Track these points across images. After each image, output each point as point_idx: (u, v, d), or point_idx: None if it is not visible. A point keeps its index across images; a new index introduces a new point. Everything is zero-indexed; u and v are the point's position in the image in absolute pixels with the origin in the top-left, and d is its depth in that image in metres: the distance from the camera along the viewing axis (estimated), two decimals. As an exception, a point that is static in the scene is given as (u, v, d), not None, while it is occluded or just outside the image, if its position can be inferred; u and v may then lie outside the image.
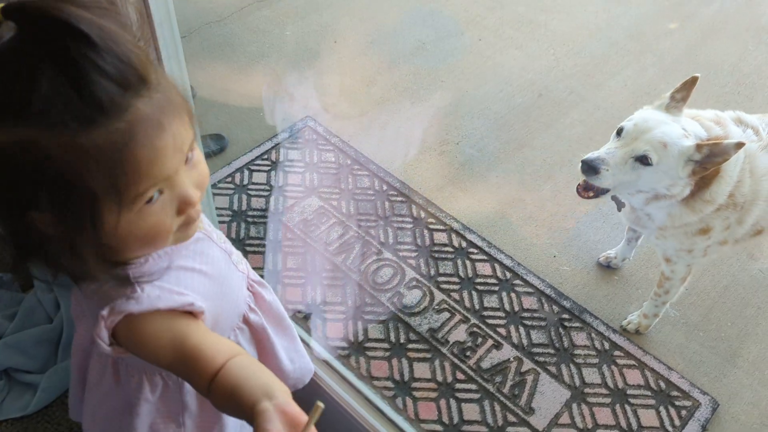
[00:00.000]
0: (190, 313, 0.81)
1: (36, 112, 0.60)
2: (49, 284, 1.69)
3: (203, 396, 0.76)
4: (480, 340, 1.94)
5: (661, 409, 1.83)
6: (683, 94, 1.59)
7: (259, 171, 2.35)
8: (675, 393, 1.86)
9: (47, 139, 0.61)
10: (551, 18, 3.15)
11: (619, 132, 1.60)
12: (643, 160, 1.53)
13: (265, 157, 2.40)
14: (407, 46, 2.93)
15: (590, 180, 1.61)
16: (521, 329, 1.97)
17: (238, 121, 2.52)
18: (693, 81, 1.59)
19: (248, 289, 1.03)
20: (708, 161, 1.49)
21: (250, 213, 2.21)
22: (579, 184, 1.70)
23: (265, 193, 2.27)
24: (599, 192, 1.66)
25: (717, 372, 1.92)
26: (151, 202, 0.70)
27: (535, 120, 2.63)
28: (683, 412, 1.82)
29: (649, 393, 1.86)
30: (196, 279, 0.85)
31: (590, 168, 1.58)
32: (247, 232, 2.15)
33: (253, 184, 2.31)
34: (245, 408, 0.68)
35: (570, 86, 2.79)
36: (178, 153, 0.70)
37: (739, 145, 1.44)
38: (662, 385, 1.88)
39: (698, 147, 1.49)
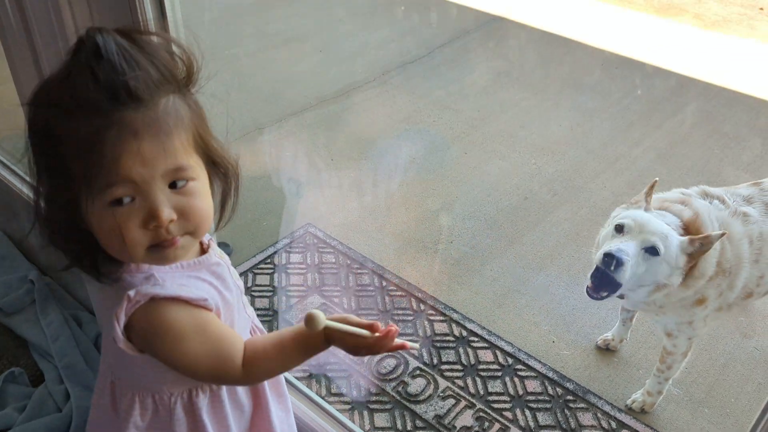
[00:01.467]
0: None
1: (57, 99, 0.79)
2: (59, 376, 1.72)
3: (234, 381, 0.83)
4: (487, 424, 1.94)
5: (676, 485, 1.80)
6: (650, 195, 1.75)
7: (262, 274, 2.44)
8: (688, 469, 1.84)
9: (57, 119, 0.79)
10: (530, 133, 3.41)
11: (618, 229, 1.70)
12: (652, 250, 1.62)
13: (268, 261, 2.50)
14: (399, 161, 3.16)
15: (614, 274, 1.61)
16: (527, 412, 1.98)
17: (242, 231, 2.65)
18: (654, 183, 1.77)
19: (251, 333, 1.09)
20: (698, 251, 1.62)
21: (256, 313, 2.27)
22: (588, 286, 1.71)
23: (269, 294, 2.35)
24: (612, 290, 1.68)
25: (727, 447, 1.91)
26: (121, 205, 0.80)
27: (523, 219, 2.79)
28: (699, 488, 1.79)
29: (661, 470, 1.83)
30: (213, 294, 0.93)
31: (616, 260, 1.59)
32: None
33: (257, 286, 2.39)
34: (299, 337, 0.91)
35: (553, 189, 2.98)
36: (147, 166, 0.79)
37: (723, 235, 1.59)
38: (674, 461, 1.86)
39: (691, 241, 1.62)
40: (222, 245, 2.57)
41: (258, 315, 2.24)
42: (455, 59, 4.17)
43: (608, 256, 1.62)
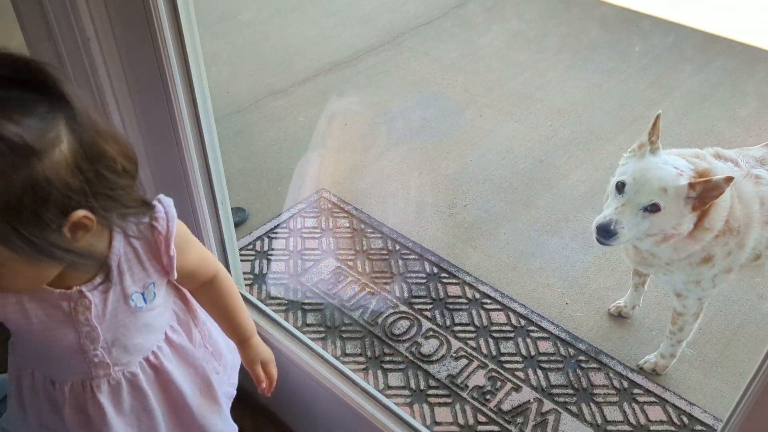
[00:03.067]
0: None
1: None
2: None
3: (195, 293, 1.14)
4: (499, 383, 1.97)
5: (686, 443, 1.82)
6: (655, 132, 1.72)
7: (277, 238, 2.47)
8: (699, 427, 1.86)
9: None
10: (546, 94, 3.37)
11: (619, 188, 1.68)
12: (652, 208, 1.61)
13: (284, 225, 2.53)
14: (413, 124, 3.14)
15: (608, 243, 1.63)
16: (539, 372, 2.00)
17: (258, 196, 2.68)
18: (657, 118, 1.73)
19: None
20: (704, 196, 1.59)
21: (270, 276, 2.31)
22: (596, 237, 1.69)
23: (284, 258, 2.38)
24: (616, 244, 1.68)
25: (739, 406, 1.92)
26: None
27: (538, 182, 2.77)
28: (709, 446, 1.81)
29: (672, 428, 1.85)
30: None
31: (606, 232, 1.62)
32: (268, 292, 2.24)
33: (273, 250, 2.42)
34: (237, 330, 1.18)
35: (568, 152, 2.95)
36: None
37: (729, 180, 1.55)
38: (685, 420, 1.88)
39: (691, 185, 1.59)
40: (238, 210, 2.62)
41: (274, 278, 2.28)
42: (469, 21, 4.10)
43: (599, 229, 1.63)
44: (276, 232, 2.50)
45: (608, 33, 3.98)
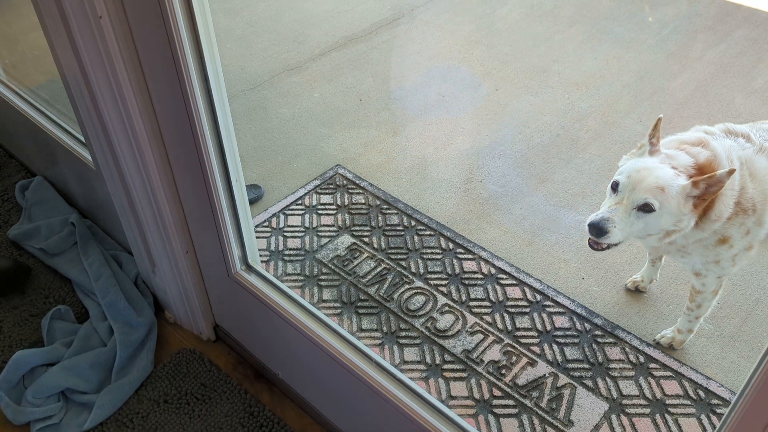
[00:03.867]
0: None
1: None
2: (103, 313, 1.81)
3: None
4: (514, 358, 1.97)
5: (703, 417, 1.82)
6: (656, 134, 1.69)
7: (293, 215, 2.48)
8: (715, 401, 1.85)
9: None
10: (564, 67, 3.32)
11: (614, 187, 1.67)
12: (645, 208, 1.59)
13: (299, 202, 2.54)
14: (428, 99, 3.12)
15: (601, 240, 1.64)
16: (555, 347, 2.00)
17: (273, 172, 2.68)
18: (658, 121, 1.70)
19: None
20: (706, 192, 1.57)
21: (286, 252, 2.33)
22: (590, 239, 1.71)
23: (300, 234, 2.39)
24: (610, 245, 1.69)
25: (757, 380, 1.91)
26: None
27: (555, 157, 2.74)
28: (726, 420, 1.81)
29: (688, 402, 1.85)
30: None
31: (599, 229, 1.62)
32: (285, 269, 2.26)
33: (289, 226, 2.43)
34: None
35: (586, 125, 2.91)
36: None
37: (731, 173, 1.52)
38: (701, 394, 1.87)
39: (694, 184, 1.57)
40: (253, 187, 2.64)
41: (290, 255, 2.29)
42: (486, -8, 4.04)
43: (591, 227, 1.61)
44: (292, 209, 2.51)
45: (625, 3, 3.89)
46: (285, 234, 2.40)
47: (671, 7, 3.82)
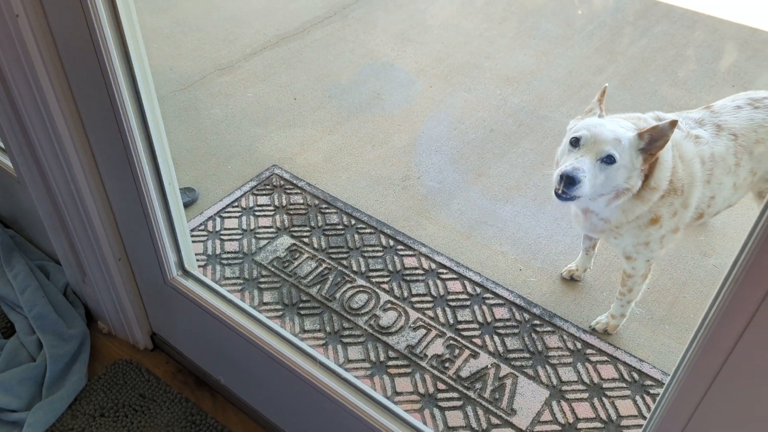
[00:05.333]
0: None
1: None
2: (30, 326, 1.72)
3: None
4: (457, 351, 2.00)
5: (638, 398, 1.89)
6: (603, 100, 1.77)
7: (230, 217, 2.43)
8: (649, 382, 1.93)
9: None
10: (495, 63, 3.38)
11: (574, 143, 1.71)
12: (607, 159, 1.64)
13: (236, 204, 2.49)
14: (363, 97, 3.12)
15: (572, 191, 1.64)
16: (496, 338, 2.04)
17: (207, 175, 2.62)
18: (604, 90, 1.78)
19: None
20: (652, 146, 1.63)
21: (224, 256, 2.28)
22: (558, 190, 1.67)
23: (238, 237, 2.35)
24: (574, 198, 1.70)
25: (685, 360, 2.00)
26: None
27: (489, 152, 2.80)
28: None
29: (624, 385, 1.92)
30: None
31: (571, 179, 1.62)
32: (223, 273, 2.21)
33: (226, 229, 2.38)
34: None
35: (518, 120, 2.98)
36: None
37: (673, 124, 1.59)
38: (636, 376, 1.95)
39: (640, 135, 1.64)
40: (188, 190, 2.56)
41: (228, 258, 2.25)
42: (417, -10, 4.07)
43: (564, 177, 1.64)
44: (228, 211, 2.46)
45: (553, 1, 4.00)
46: (222, 237, 2.35)
47: (595, 4, 3.96)
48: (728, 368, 0.67)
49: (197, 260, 2.24)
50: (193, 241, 2.32)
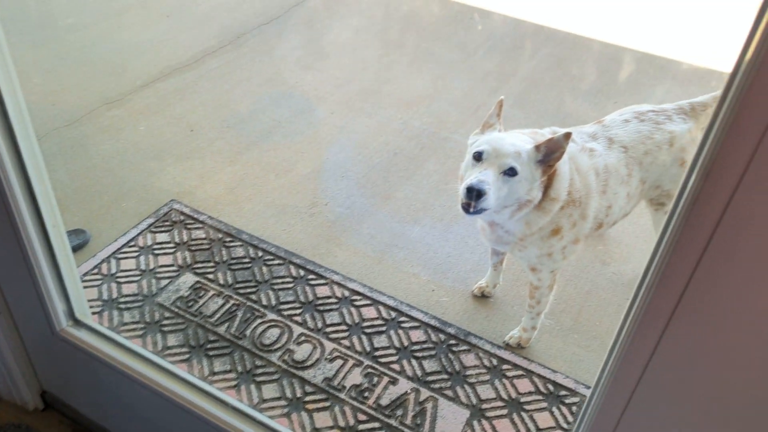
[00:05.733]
0: None
1: None
2: None
3: None
4: (376, 379, 1.95)
5: (554, 409, 1.92)
6: (500, 113, 1.81)
7: (127, 258, 2.28)
8: (563, 392, 1.97)
9: None
10: (394, 88, 3.42)
11: (476, 157, 1.73)
12: (510, 172, 1.67)
13: (132, 244, 2.34)
14: (263, 126, 3.05)
15: (479, 204, 1.65)
16: (413, 362, 2.01)
17: (99, 214, 2.45)
18: (500, 102, 1.82)
19: None
20: (549, 158, 1.68)
21: (122, 300, 2.12)
22: (465, 203, 1.69)
23: (136, 278, 2.20)
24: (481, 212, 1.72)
25: (595, 366, 2.06)
26: None
27: (395, 175, 2.80)
28: (574, 408, 1.92)
29: (540, 397, 1.95)
30: None
31: (477, 191, 1.64)
32: (121, 318, 2.06)
33: (122, 271, 2.23)
34: None
35: (421, 142, 3.02)
36: None
37: (567, 136, 1.64)
38: (551, 387, 1.98)
39: (537, 147, 1.68)
40: (77, 232, 2.39)
41: (126, 302, 2.10)
42: (312, 18, 4.07)
43: (470, 190, 1.65)
44: (124, 252, 2.30)
45: (445, 26, 4.13)
46: (118, 280, 2.19)
47: (485, 30, 4.11)
48: (649, 374, 0.67)
49: (91, 307, 2.07)
50: (86, 287, 2.15)
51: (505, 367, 2.03)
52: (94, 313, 2.06)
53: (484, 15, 4.24)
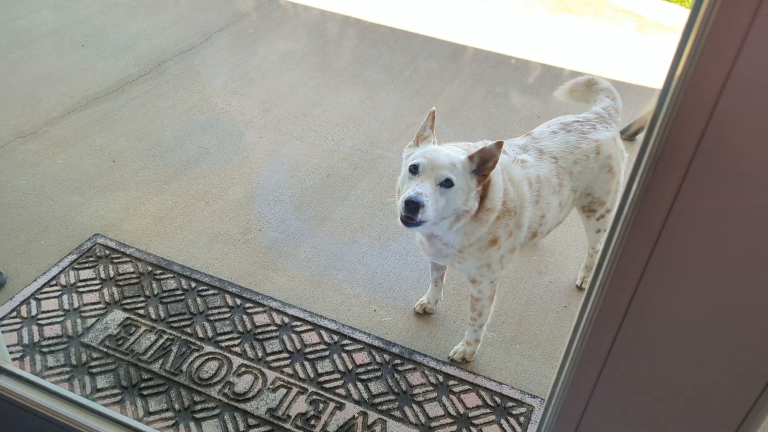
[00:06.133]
0: None
1: None
2: None
3: None
4: (322, 406, 1.90)
5: (502, 421, 1.92)
6: (433, 125, 1.83)
7: (48, 298, 2.14)
8: (510, 404, 1.97)
9: None
10: (323, 110, 3.41)
11: (413, 170, 1.73)
12: (446, 183, 1.68)
13: (54, 283, 2.20)
14: (191, 153, 2.96)
15: (417, 216, 1.64)
16: (359, 384, 1.97)
17: (15, 254, 2.30)
18: (432, 113, 1.83)
19: None
20: (483, 167, 1.70)
21: (45, 343, 1.99)
22: (404, 216, 1.68)
23: (60, 319, 2.07)
24: (420, 224, 1.71)
25: (539, 375, 2.08)
26: None
27: (329, 196, 2.77)
28: (521, 418, 1.93)
29: (488, 410, 1.94)
30: None
31: (415, 204, 1.63)
32: (45, 363, 1.92)
33: (44, 312, 2.09)
34: None
35: (353, 163, 3.00)
36: None
37: (499, 144, 1.67)
38: (497, 400, 1.98)
39: (470, 158, 1.70)
40: (-9, 274, 2.22)
41: (49, 345, 1.97)
42: (236, 43, 4.02)
43: (408, 203, 1.65)
44: (45, 292, 2.16)
45: (370, 49, 4.16)
46: (40, 322, 2.05)
47: (409, 51, 4.17)
48: (607, 372, 0.67)
49: (11, 352, 1.93)
50: (3, 332, 2.00)
51: (451, 382, 2.02)
52: (14, 359, 1.91)
53: (410, 38, 4.31)
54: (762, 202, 0.57)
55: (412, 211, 1.64)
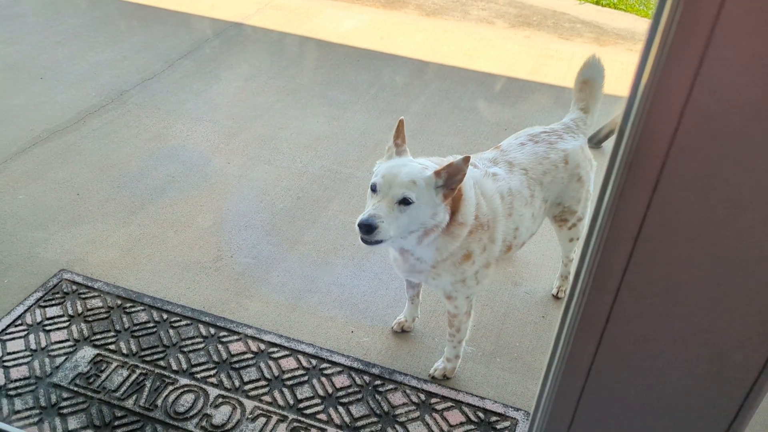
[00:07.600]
0: None
1: None
2: None
3: None
4: (303, 433, 1.86)
5: (488, 436, 1.90)
6: (400, 135, 1.82)
7: (13, 339, 2.07)
8: (494, 418, 1.95)
9: None
10: (290, 133, 3.39)
11: (373, 188, 1.73)
12: (404, 201, 1.67)
13: (19, 322, 2.13)
14: (157, 182, 2.91)
15: (372, 237, 1.65)
16: (340, 408, 1.94)
17: (-23, 295, 2.22)
18: (400, 123, 1.82)
19: None
20: (450, 182, 1.69)
21: (11, 386, 1.91)
22: (362, 237, 1.70)
23: (27, 359, 2.00)
24: (380, 242, 1.71)
25: (521, 387, 2.07)
26: None
27: (300, 219, 2.75)
28: (506, 432, 1.91)
29: (472, 426, 1.92)
30: None
31: (368, 227, 1.64)
32: (12, 406, 1.85)
33: (9, 353, 2.01)
34: None
35: (323, 184, 2.99)
36: None
37: (466, 159, 1.66)
38: (481, 415, 1.96)
39: (436, 174, 1.69)
40: (-48, 317, 2.13)
41: (16, 387, 1.90)
42: (199, 70, 3.98)
43: (361, 226, 1.64)
44: (10, 332, 2.09)
45: (334, 69, 4.16)
46: (6, 364, 1.98)
47: (373, 70, 4.19)
48: (592, 381, 0.66)
49: (-25, 399, 1.85)
50: (-33, 377, 1.92)
51: (433, 400, 1.99)
52: (-22, 406, 1.83)
53: (374, 57, 4.33)
54: (735, 201, 0.57)
55: (366, 232, 1.64)
